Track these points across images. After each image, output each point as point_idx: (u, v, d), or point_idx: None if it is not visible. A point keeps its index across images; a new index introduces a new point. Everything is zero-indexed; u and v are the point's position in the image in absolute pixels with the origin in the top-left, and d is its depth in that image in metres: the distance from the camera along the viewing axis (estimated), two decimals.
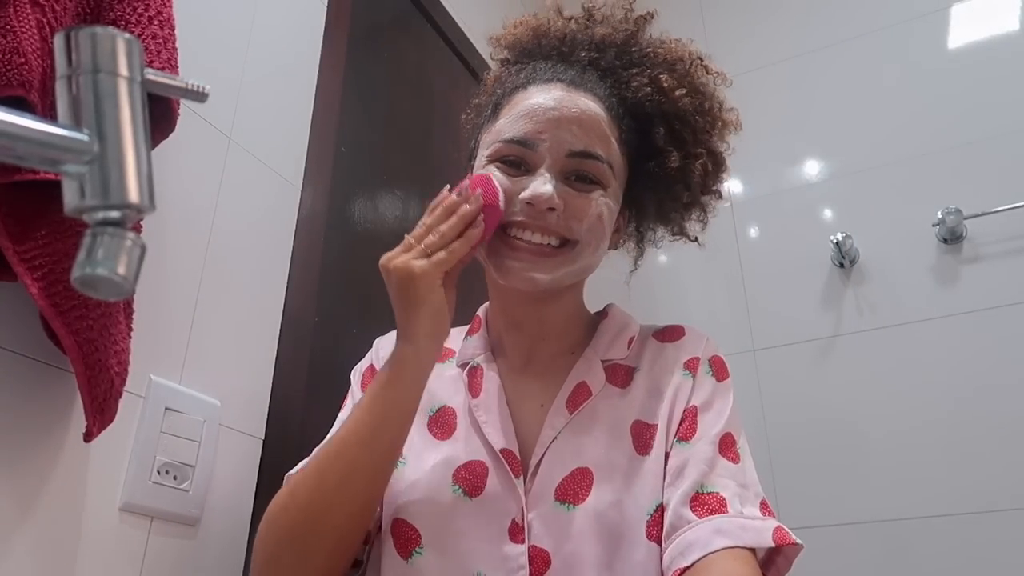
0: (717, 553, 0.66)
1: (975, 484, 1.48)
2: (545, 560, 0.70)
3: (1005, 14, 1.82)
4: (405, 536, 0.75)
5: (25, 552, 0.72)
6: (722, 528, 0.67)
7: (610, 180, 0.81)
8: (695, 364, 0.81)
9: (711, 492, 0.70)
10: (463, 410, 0.83)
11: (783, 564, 0.72)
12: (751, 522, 0.69)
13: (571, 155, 0.78)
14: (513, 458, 0.76)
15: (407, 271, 0.71)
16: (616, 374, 0.83)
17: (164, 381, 0.89)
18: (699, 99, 0.87)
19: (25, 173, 0.66)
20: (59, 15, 0.70)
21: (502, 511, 0.73)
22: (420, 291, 0.71)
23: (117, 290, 0.37)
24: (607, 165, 0.80)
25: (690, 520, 0.69)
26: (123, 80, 0.39)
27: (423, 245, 0.73)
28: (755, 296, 1.81)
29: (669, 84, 0.85)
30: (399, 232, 0.78)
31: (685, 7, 2.19)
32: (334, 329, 1.20)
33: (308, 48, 1.27)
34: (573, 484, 0.73)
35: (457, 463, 0.77)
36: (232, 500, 0.96)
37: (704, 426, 0.75)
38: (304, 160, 1.21)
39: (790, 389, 1.72)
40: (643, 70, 0.86)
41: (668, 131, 0.85)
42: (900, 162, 1.80)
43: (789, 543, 0.69)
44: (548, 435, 0.77)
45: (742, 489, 0.72)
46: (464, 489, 0.75)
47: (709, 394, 0.79)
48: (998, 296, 1.60)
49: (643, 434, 0.77)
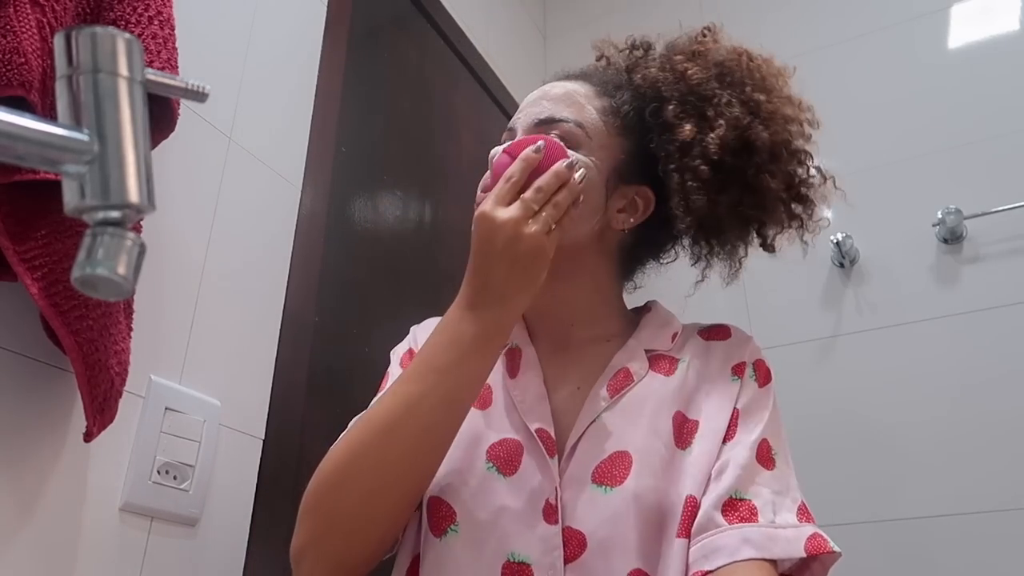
0: (741, 563, 0.65)
1: (975, 484, 1.48)
2: (581, 542, 0.69)
3: (1005, 14, 1.82)
4: (440, 513, 0.74)
5: (25, 552, 0.72)
6: (750, 538, 0.66)
7: (581, 140, 0.80)
8: (742, 369, 0.81)
9: (743, 499, 0.69)
10: (500, 388, 0.82)
11: (819, 570, 0.70)
12: (782, 532, 0.68)
13: (538, 123, 0.82)
14: (548, 438, 0.75)
15: (539, 246, 0.69)
16: (660, 363, 0.81)
17: (164, 381, 0.89)
18: (716, 70, 0.84)
19: (25, 173, 0.66)
20: (59, 15, 0.70)
21: (536, 491, 0.72)
22: (542, 268, 0.70)
23: (117, 290, 0.37)
24: (575, 125, 0.80)
25: (719, 524, 0.68)
26: (123, 80, 0.39)
27: (545, 215, 0.70)
28: (755, 296, 1.81)
29: (681, 64, 0.84)
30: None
31: (685, 8, 2.19)
32: (334, 329, 1.20)
33: (308, 48, 1.27)
34: (611, 467, 0.72)
35: (490, 440, 0.76)
36: (232, 500, 0.96)
37: (744, 431, 0.75)
38: (304, 160, 1.21)
39: (790, 389, 1.71)
40: (663, 61, 0.87)
41: (680, 105, 0.82)
42: (900, 162, 1.80)
43: (824, 552, 0.67)
44: (587, 417, 0.76)
45: (776, 496, 0.71)
46: (498, 467, 0.74)
47: (751, 399, 0.78)
48: (998, 296, 1.60)
49: (683, 426, 0.76)
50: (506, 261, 0.69)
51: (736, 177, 0.81)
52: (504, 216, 0.69)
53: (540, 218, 0.70)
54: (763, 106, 0.82)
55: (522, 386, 0.80)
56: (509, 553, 0.70)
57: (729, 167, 0.80)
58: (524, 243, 0.68)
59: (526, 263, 0.69)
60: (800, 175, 0.86)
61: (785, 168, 0.84)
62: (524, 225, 0.69)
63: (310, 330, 1.14)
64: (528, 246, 0.69)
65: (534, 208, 0.70)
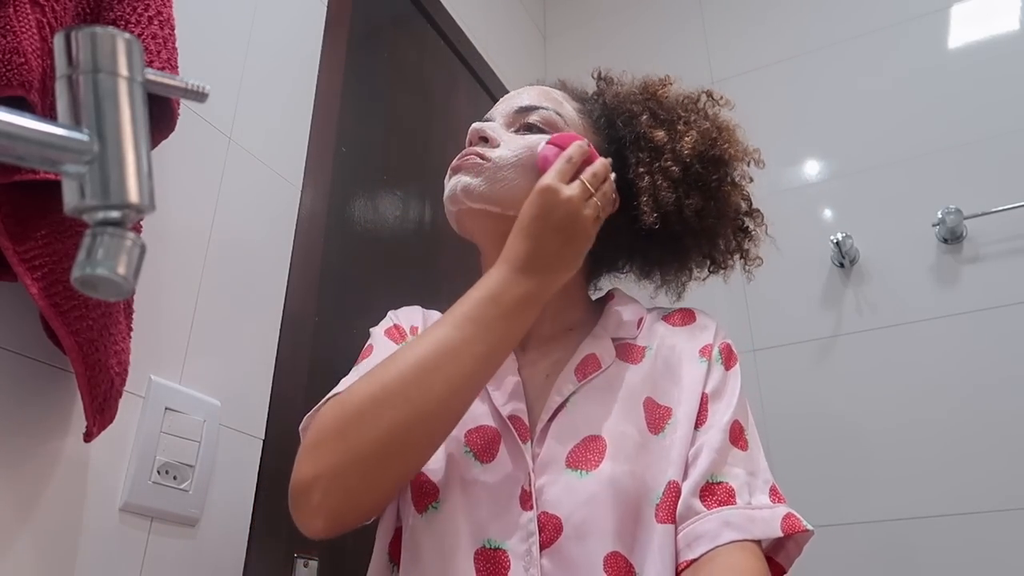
0: (724, 547, 0.66)
1: (975, 484, 1.48)
2: (556, 527, 0.69)
3: (1005, 14, 1.82)
4: (424, 489, 0.74)
5: (25, 552, 0.72)
6: (730, 520, 0.68)
7: (561, 127, 0.84)
8: (708, 351, 0.81)
9: (720, 482, 0.71)
10: None
11: (793, 549, 0.72)
12: (759, 512, 0.69)
13: (519, 111, 0.86)
14: (521, 424, 0.76)
15: (588, 228, 0.75)
16: (627, 351, 0.83)
17: (164, 381, 0.89)
18: (682, 98, 0.91)
19: (25, 173, 0.66)
20: (59, 15, 0.70)
21: (512, 477, 0.73)
22: (586, 250, 0.76)
23: (117, 290, 0.37)
24: (554, 113, 0.85)
25: (699, 511, 0.69)
26: (123, 80, 0.39)
27: (595, 201, 0.75)
28: (755, 296, 1.81)
29: (652, 87, 0.91)
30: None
31: (685, 7, 2.19)
32: (334, 329, 1.20)
33: (308, 48, 1.27)
34: (585, 451, 0.73)
35: (467, 426, 0.77)
36: (232, 500, 0.96)
37: (715, 415, 0.76)
38: (304, 160, 1.21)
39: (790, 389, 1.72)
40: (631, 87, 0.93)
41: (652, 116, 0.88)
42: (900, 162, 1.80)
43: (798, 531, 0.69)
44: (555, 400, 0.77)
45: (751, 477, 0.72)
46: (475, 453, 0.75)
47: (719, 382, 0.79)
48: (998, 296, 1.60)
49: (655, 413, 0.77)
50: (563, 234, 0.73)
51: (702, 184, 0.86)
52: (568, 193, 0.73)
53: (592, 203, 0.75)
54: (724, 130, 0.89)
55: (497, 375, 0.80)
56: (485, 540, 0.70)
57: (695, 173, 0.85)
58: (580, 223, 0.74)
59: (578, 241, 0.75)
60: (745, 207, 0.92)
61: (741, 190, 0.91)
62: (583, 205, 0.74)
63: (310, 330, 1.14)
64: (582, 226, 0.74)
65: (591, 191, 0.75)
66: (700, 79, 0.98)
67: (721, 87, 0.93)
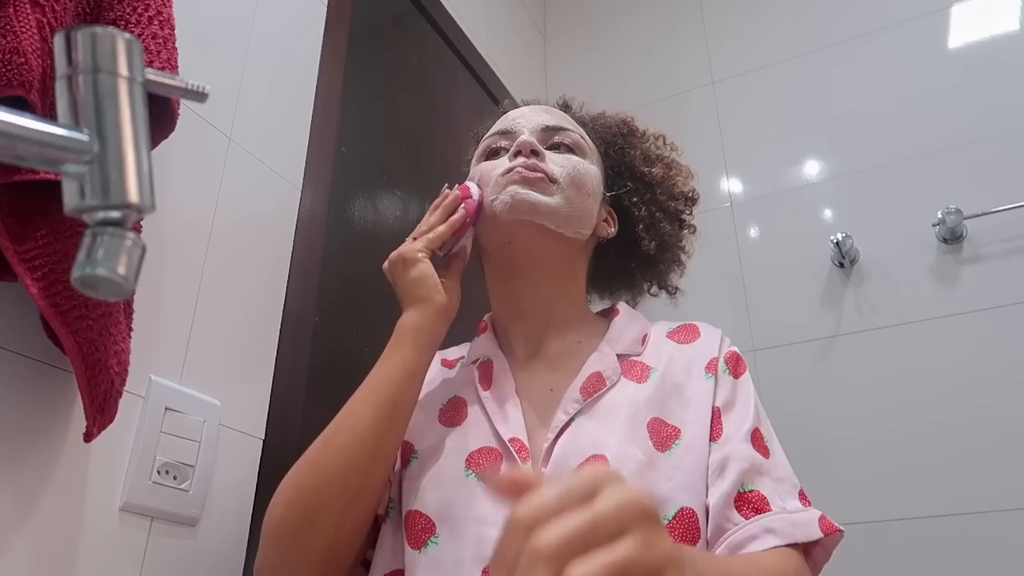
0: (769, 551, 0.67)
1: (976, 484, 1.48)
2: None
3: (1005, 14, 1.82)
4: (418, 527, 0.74)
5: (25, 552, 0.72)
6: (771, 527, 0.68)
7: (586, 151, 0.90)
8: (714, 365, 0.81)
9: (752, 490, 0.71)
10: (474, 401, 0.83)
11: (820, 555, 0.72)
12: (797, 516, 0.70)
13: (546, 129, 0.90)
14: (522, 447, 0.76)
15: (397, 254, 0.85)
16: (632, 369, 0.82)
17: (164, 381, 0.89)
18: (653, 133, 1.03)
19: (25, 173, 0.66)
20: (59, 15, 0.70)
21: None
22: (407, 264, 0.83)
23: (117, 290, 0.37)
24: (580, 136, 0.91)
25: (737, 522, 0.69)
26: (123, 80, 0.39)
27: (413, 235, 0.86)
28: (755, 296, 1.81)
29: (629, 120, 1.02)
30: (399, 232, 0.80)
31: (685, 7, 2.19)
32: (334, 329, 1.20)
33: (308, 48, 1.27)
34: None
35: (469, 450, 0.77)
36: (232, 500, 0.96)
37: (732, 425, 0.75)
38: (304, 160, 1.21)
39: (790, 389, 1.72)
40: None
41: (643, 154, 0.98)
42: (900, 162, 1.80)
43: (834, 531, 0.71)
44: (561, 419, 0.77)
45: (778, 483, 0.72)
46: (478, 475, 0.75)
47: (729, 393, 0.79)
48: (998, 296, 1.60)
49: (662, 432, 0.76)
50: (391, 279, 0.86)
51: (679, 218, 0.99)
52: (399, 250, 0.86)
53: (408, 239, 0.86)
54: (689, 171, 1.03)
55: (495, 397, 0.82)
56: (489, 559, 0.70)
57: (677, 209, 0.98)
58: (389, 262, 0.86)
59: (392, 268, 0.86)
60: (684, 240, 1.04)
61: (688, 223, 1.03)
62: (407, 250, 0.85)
63: (310, 330, 1.14)
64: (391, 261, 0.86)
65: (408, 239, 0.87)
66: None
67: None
